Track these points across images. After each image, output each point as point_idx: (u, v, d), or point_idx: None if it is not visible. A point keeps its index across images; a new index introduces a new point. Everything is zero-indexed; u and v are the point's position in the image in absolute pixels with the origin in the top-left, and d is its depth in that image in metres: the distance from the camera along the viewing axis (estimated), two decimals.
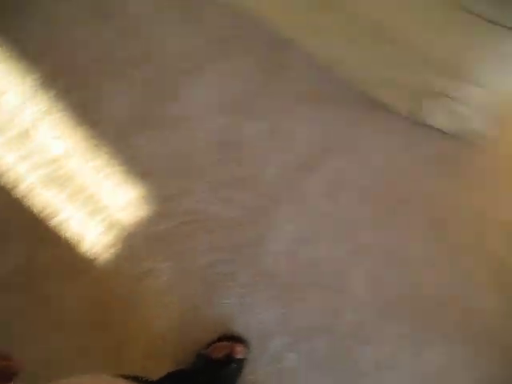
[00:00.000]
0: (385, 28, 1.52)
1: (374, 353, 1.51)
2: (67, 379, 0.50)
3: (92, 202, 1.64)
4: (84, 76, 1.77)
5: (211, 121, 1.71)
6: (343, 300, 1.55)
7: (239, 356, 1.46)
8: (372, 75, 1.68)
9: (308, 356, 1.50)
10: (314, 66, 1.76)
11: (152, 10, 1.85)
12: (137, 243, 1.60)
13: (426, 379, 1.51)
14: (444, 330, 1.55)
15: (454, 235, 1.64)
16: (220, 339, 1.49)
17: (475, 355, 1.52)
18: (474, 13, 1.27)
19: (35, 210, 1.62)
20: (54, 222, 1.62)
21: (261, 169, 1.65)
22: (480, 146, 1.70)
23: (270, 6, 1.80)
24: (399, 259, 1.61)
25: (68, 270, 1.59)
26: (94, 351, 1.50)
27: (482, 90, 1.53)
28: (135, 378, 0.66)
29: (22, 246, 1.60)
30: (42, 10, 1.83)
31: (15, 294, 1.55)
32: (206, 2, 1.85)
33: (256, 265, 1.56)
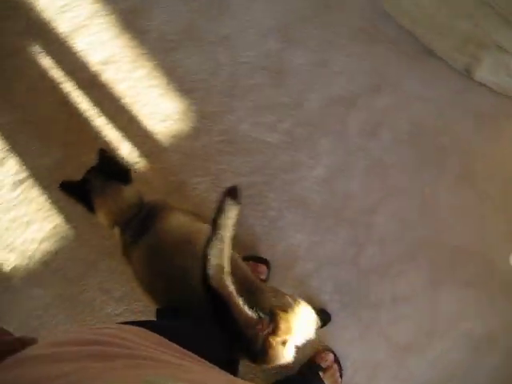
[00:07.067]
0: None
1: (392, 288, 1.56)
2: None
3: (132, 109, 1.64)
4: None
5: (258, 44, 1.68)
6: (369, 236, 1.59)
7: (262, 276, 1.52)
8: (433, 21, 1.63)
9: (327, 283, 1.55)
10: (371, 2, 1.72)
11: None
12: (171, 157, 1.61)
13: (437, 318, 1.57)
14: (462, 277, 1.59)
15: (482, 186, 1.65)
16: (245, 259, 1.53)
17: (489, 304, 1.58)
18: None
19: (79, 111, 1.62)
20: (93, 125, 1.63)
21: (304, 98, 1.64)
22: None
23: None
24: (428, 204, 1.62)
25: None
26: None
27: None
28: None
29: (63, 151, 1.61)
30: None
31: None
32: None
33: (290, 191, 1.58)
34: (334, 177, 1.60)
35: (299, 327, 1.04)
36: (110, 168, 1.21)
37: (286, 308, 1.02)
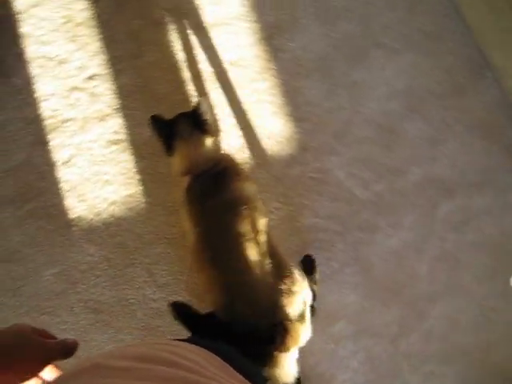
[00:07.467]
0: None
1: None
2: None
3: (241, 116, 1.67)
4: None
5: (382, 101, 1.69)
6: (418, 323, 1.56)
7: None
8: None
9: (361, 352, 1.52)
10: (504, 101, 1.71)
11: None
12: (261, 174, 1.63)
13: None
14: None
15: None
16: None
17: None
18: None
19: (191, 99, 1.67)
20: None
21: (406, 168, 1.64)
22: None
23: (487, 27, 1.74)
24: (485, 316, 1.58)
25: None
26: None
27: None
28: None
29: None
30: None
31: None
32: None
33: (359, 250, 1.57)
34: (405, 253, 1.58)
35: (305, 335, 1.12)
36: (202, 118, 1.25)
37: (300, 318, 1.08)
